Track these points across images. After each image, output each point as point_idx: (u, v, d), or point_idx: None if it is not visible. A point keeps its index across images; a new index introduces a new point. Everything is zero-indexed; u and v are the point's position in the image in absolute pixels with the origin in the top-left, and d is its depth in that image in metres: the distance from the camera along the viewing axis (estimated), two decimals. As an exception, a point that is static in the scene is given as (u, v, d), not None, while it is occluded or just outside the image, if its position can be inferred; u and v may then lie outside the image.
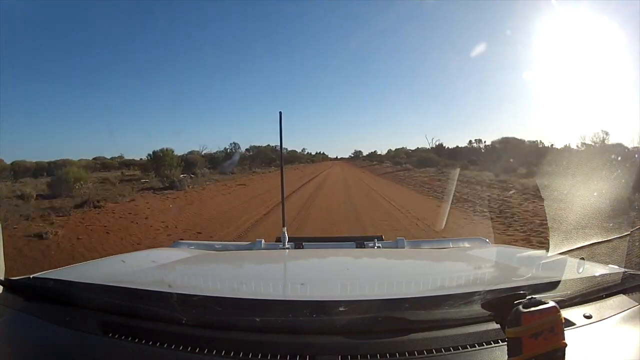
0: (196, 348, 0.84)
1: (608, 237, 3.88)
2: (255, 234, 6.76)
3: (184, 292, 0.99)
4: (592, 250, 2.39)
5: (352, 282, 1.24)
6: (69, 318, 0.96)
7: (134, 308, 0.95)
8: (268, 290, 1.20)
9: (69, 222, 8.06)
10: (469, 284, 1.16)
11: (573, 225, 5.57)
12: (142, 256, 1.73)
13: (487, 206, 9.54)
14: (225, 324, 0.90)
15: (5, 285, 1.12)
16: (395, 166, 34.93)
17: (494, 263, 1.48)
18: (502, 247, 2.12)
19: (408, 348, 0.82)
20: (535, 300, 0.73)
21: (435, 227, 7.07)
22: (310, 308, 0.88)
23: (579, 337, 0.85)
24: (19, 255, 5.54)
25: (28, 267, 4.94)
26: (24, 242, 6.34)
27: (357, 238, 1.92)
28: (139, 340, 0.87)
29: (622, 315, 0.95)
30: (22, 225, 7.51)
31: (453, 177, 16.82)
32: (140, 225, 8.36)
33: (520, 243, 5.75)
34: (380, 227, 7.02)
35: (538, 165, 16.22)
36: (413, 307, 0.88)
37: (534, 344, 0.69)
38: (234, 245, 2.11)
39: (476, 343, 0.83)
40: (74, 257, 5.54)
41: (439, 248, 1.93)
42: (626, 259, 2.81)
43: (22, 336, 0.96)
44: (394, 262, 1.63)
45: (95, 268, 1.45)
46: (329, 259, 1.69)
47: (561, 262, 1.23)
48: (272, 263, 1.68)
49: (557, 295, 0.92)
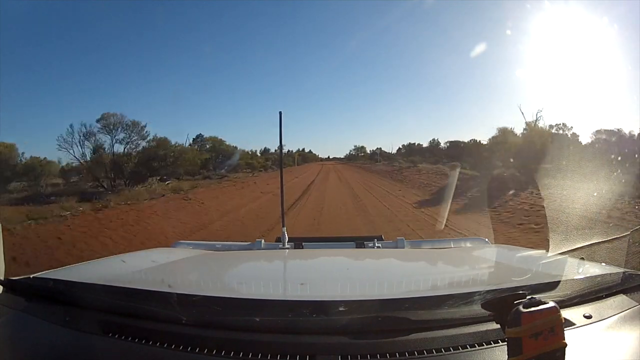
0: (196, 348, 0.84)
1: (608, 237, 3.88)
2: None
3: (184, 292, 0.99)
4: (592, 250, 2.39)
5: (352, 282, 1.24)
6: (69, 318, 0.96)
7: (134, 308, 0.95)
8: (268, 290, 1.20)
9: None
10: (469, 284, 1.16)
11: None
12: (142, 256, 1.73)
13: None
14: (225, 324, 0.89)
15: (6, 285, 1.12)
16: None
17: (494, 263, 1.48)
18: (502, 247, 2.12)
19: (408, 348, 0.82)
20: (535, 300, 0.73)
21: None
22: (310, 308, 0.88)
23: (579, 337, 0.85)
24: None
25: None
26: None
27: (357, 238, 1.92)
28: (139, 340, 0.87)
29: (622, 315, 0.95)
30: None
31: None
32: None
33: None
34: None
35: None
36: (413, 307, 0.88)
37: (534, 344, 0.69)
38: (234, 246, 2.11)
39: (476, 343, 0.83)
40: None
41: (439, 248, 1.93)
42: (626, 259, 2.81)
43: (22, 336, 0.96)
44: (394, 262, 1.63)
45: (95, 268, 1.45)
46: (329, 259, 1.69)
47: (561, 262, 1.23)
48: (272, 263, 1.68)
49: (557, 295, 0.92)
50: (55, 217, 8.43)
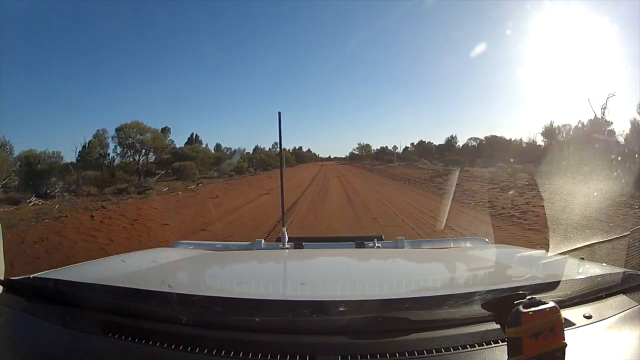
0: (196, 348, 0.83)
1: (608, 237, 3.87)
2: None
3: (184, 292, 0.99)
4: (592, 250, 2.39)
5: (352, 282, 1.24)
6: (69, 318, 0.96)
7: (134, 308, 0.95)
8: (268, 290, 1.20)
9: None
10: (469, 284, 1.16)
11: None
12: (142, 256, 1.73)
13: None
14: (225, 324, 0.89)
15: (6, 285, 1.12)
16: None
17: (494, 263, 1.48)
18: (502, 247, 2.12)
19: (408, 348, 0.82)
20: (535, 301, 0.73)
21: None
22: (310, 308, 0.88)
23: (579, 337, 0.85)
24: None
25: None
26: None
27: (357, 238, 1.92)
28: (139, 340, 0.87)
29: (622, 315, 0.94)
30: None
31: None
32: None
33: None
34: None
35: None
36: (413, 307, 0.88)
37: (534, 344, 0.69)
38: (234, 245, 2.11)
39: (476, 343, 0.83)
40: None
41: (439, 248, 1.93)
42: (626, 259, 2.80)
43: (22, 336, 0.96)
44: (394, 262, 1.63)
45: (95, 268, 1.44)
46: (329, 259, 1.69)
47: (561, 262, 1.23)
48: (272, 263, 1.68)
49: (557, 296, 0.92)
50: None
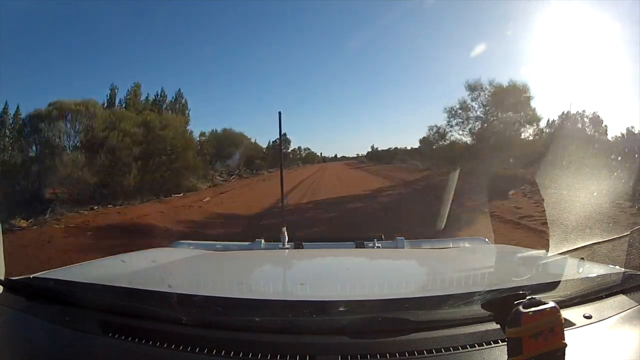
0: (196, 348, 0.83)
1: (608, 237, 3.87)
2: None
3: (184, 292, 0.99)
4: (592, 250, 2.39)
5: (352, 282, 1.24)
6: (69, 318, 0.96)
7: (134, 308, 0.95)
8: (268, 290, 1.20)
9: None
10: (469, 284, 1.15)
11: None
12: (142, 256, 1.72)
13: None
14: (225, 324, 0.90)
15: (6, 285, 1.12)
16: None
17: (494, 263, 1.48)
18: (502, 247, 2.11)
19: (408, 348, 0.82)
20: (535, 301, 0.73)
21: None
22: (310, 308, 0.88)
23: (579, 337, 0.85)
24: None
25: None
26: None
27: (357, 238, 1.92)
28: (139, 340, 0.87)
29: (622, 316, 0.94)
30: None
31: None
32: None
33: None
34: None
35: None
36: (413, 307, 0.88)
37: (534, 344, 0.69)
38: (234, 245, 2.11)
39: (476, 343, 0.83)
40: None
41: (439, 248, 1.93)
42: (626, 259, 2.80)
43: (22, 336, 0.96)
44: (393, 262, 1.63)
45: (95, 268, 1.44)
46: (329, 259, 1.69)
47: (561, 262, 1.23)
48: (272, 263, 1.68)
49: (557, 296, 0.92)
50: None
